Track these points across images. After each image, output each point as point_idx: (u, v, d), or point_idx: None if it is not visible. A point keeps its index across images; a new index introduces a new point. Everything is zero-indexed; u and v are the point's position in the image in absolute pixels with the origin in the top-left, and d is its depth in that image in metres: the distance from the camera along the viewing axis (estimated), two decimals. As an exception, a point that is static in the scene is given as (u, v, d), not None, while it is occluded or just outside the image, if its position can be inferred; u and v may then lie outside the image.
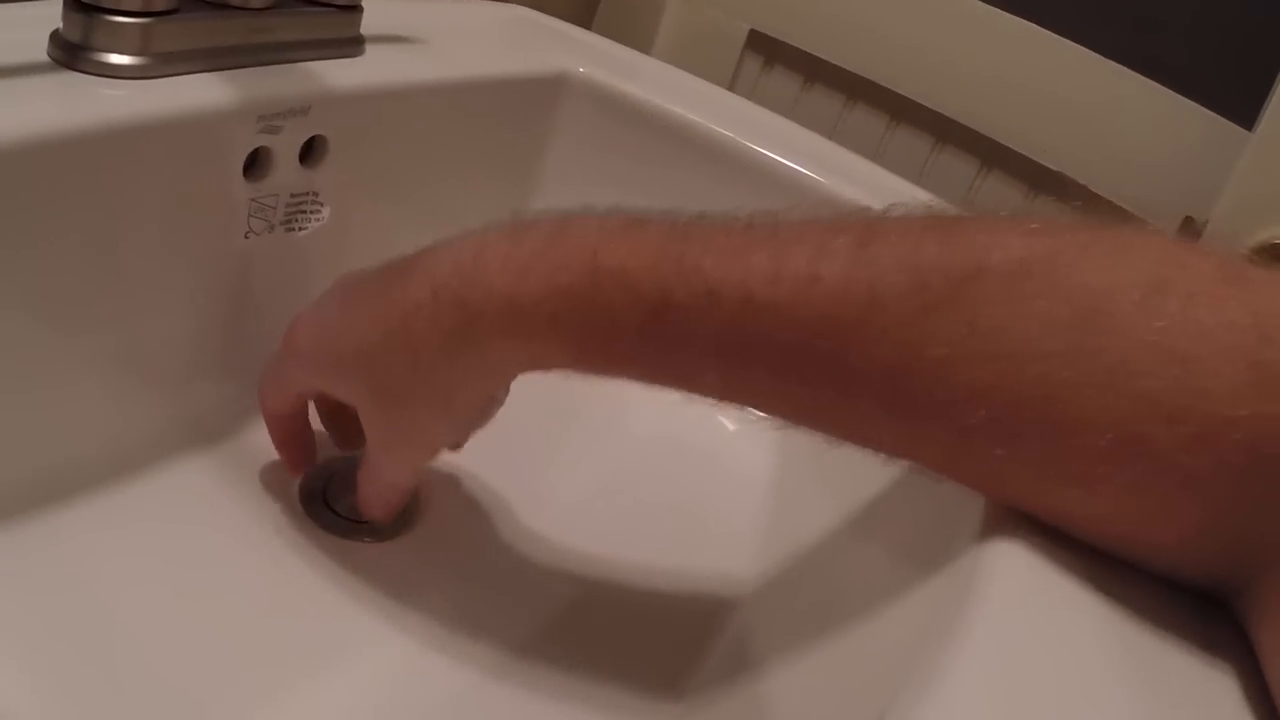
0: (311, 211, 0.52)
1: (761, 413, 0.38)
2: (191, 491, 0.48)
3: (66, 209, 0.40)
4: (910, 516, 0.44)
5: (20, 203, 0.38)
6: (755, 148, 0.64)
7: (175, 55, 0.44)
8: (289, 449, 0.50)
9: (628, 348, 0.37)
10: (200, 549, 0.46)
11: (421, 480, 0.52)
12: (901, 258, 0.33)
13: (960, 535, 0.35)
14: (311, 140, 0.50)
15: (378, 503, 0.48)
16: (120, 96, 0.42)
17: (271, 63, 0.48)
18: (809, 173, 0.63)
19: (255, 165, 0.48)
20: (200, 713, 0.40)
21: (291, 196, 0.51)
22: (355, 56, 0.53)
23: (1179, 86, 0.81)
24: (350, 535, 0.49)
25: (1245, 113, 0.77)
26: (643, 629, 0.50)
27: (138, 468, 0.48)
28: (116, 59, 0.42)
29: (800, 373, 0.34)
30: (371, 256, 0.57)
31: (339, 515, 0.50)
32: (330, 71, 0.50)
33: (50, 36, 0.42)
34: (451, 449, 0.49)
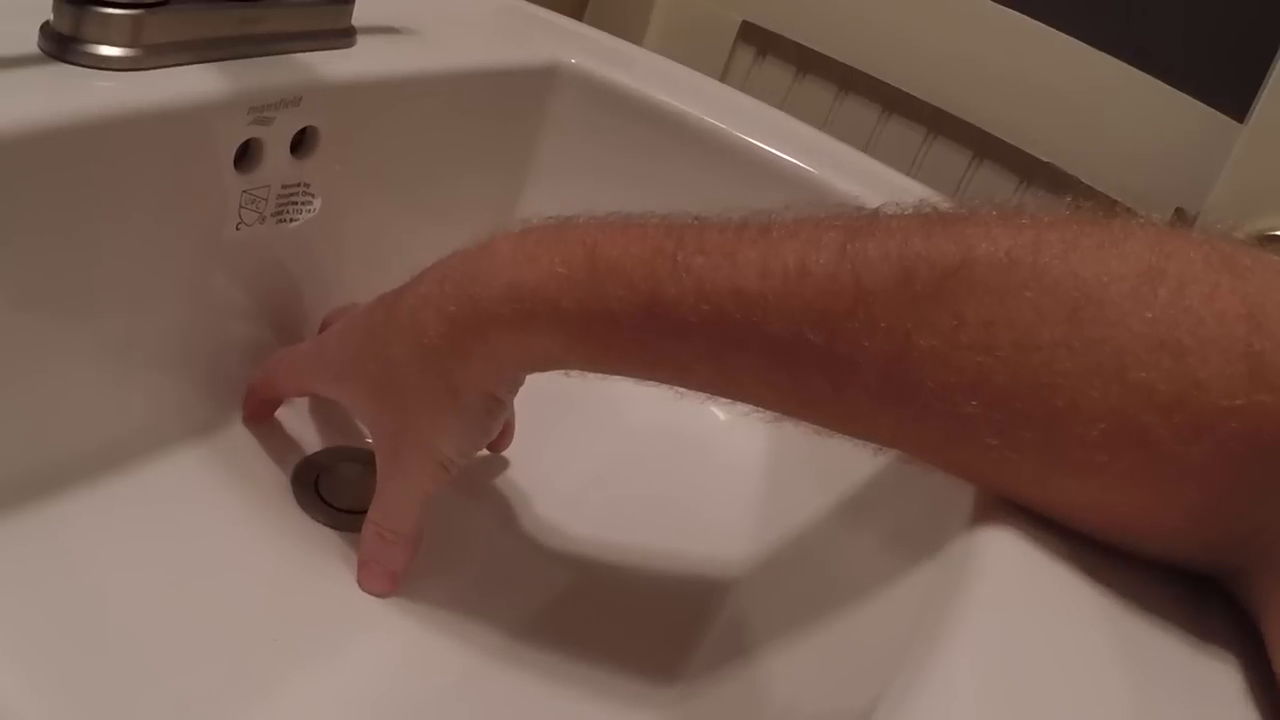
0: (303, 203, 0.52)
1: (755, 407, 0.38)
2: (186, 482, 0.48)
3: (58, 201, 0.40)
4: (902, 503, 0.45)
5: (11, 195, 0.38)
6: (747, 139, 0.64)
7: (166, 46, 0.44)
8: (259, 408, 0.53)
9: (624, 341, 0.37)
10: (195, 540, 0.46)
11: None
12: (889, 251, 0.33)
13: (952, 521, 0.35)
14: (303, 131, 0.50)
15: (380, 563, 0.46)
16: (111, 88, 0.42)
17: (263, 54, 0.48)
18: (801, 164, 0.63)
19: (246, 156, 0.48)
20: (197, 703, 0.40)
21: (283, 188, 0.50)
22: (346, 47, 0.53)
23: (1171, 79, 0.81)
24: (344, 526, 0.49)
25: (1237, 105, 0.77)
26: (637, 616, 0.50)
27: (132, 459, 0.48)
28: (107, 50, 0.42)
29: (792, 365, 0.35)
30: (363, 247, 0.57)
31: (332, 507, 0.50)
32: (321, 63, 0.50)
33: (40, 28, 0.42)
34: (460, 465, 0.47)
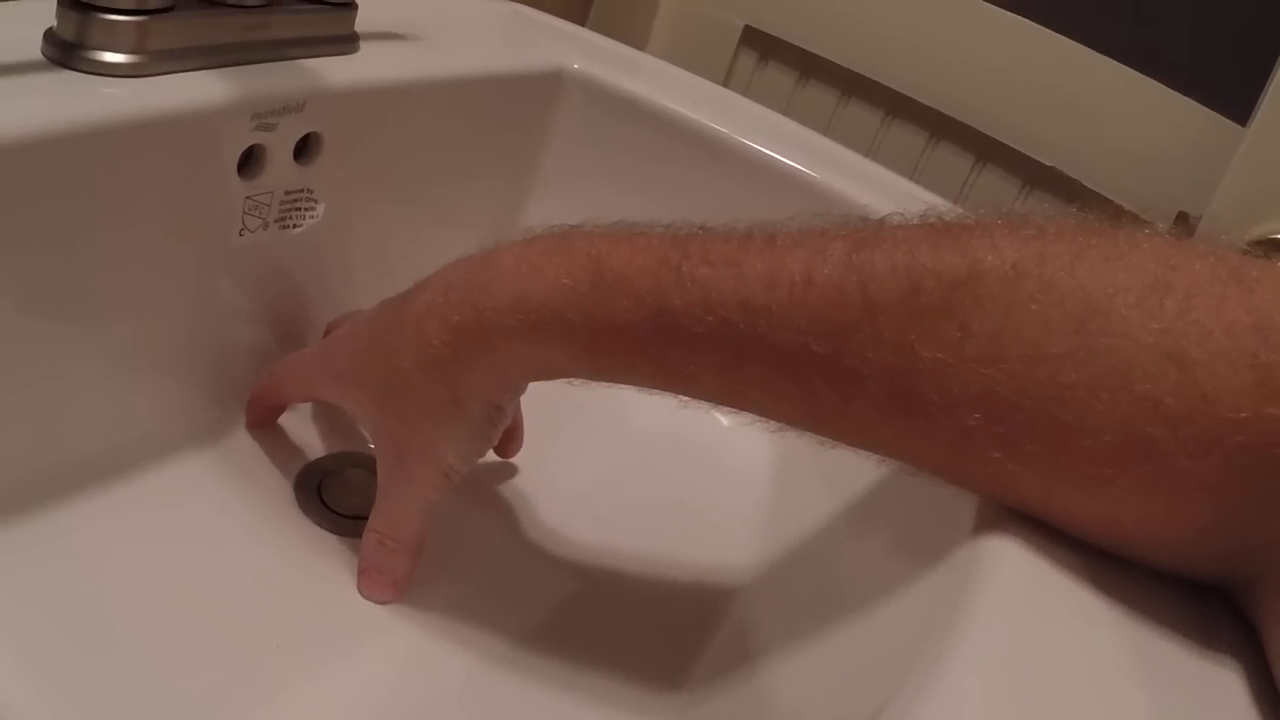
0: (306, 209, 0.52)
1: (761, 417, 0.38)
2: (190, 488, 0.48)
3: (62, 208, 0.40)
4: (908, 510, 0.44)
5: (16, 201, 0.38)
6: (750, 143, 0.64)
7: (170, 53, 0.44)
8: (263, 413, 0.53)
9: (630, 352, 0.37)
10: (199, 545, 0.46)
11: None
12: (895, 262, 0.33)
13: (958, 528, 0.35)
14: (306, 137, 0.50)
15: (382, 571, 0.46)
16: (115, 95, 0.42)
17: (266, 60, 0.48)
18: (804, 168, 0.63)
19: (250, 163, 0.48)
20: (201, 708, 0.40)
21: (286, 194, 0.50)
22: (350, 53, 0.53)
23: (1174, 82, 0.81)
24: (347, 532, 0.49)
25: (1240, 109, 0.77)
26: (642, 622, 0.50)
27: (136, 465, 0.48)
28: (111, 57, 0.42)
29: (797, 376, 0.35)
30: (366, 253, 0.57)
31: (335, 512, 0.50)
32: (325, 68, 0.50)
33: (44, 34, 0.42)
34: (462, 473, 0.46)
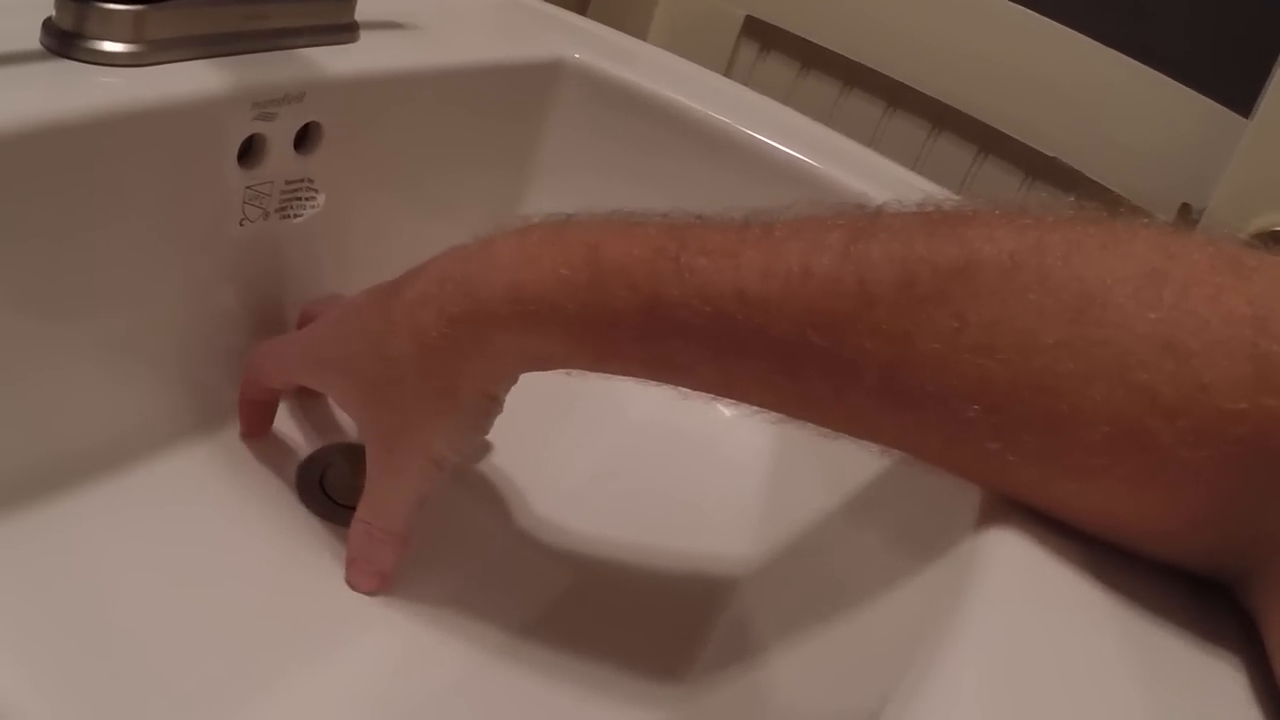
0: (306, 198, 0.52)
1: (759, 408, 0.38)
2: (189, 480, 0.48)
3: (60, 198, 0.40)
4: (907, 502, 0.44)
5: (14, 192, 0.38)
6: (751, 134, 0.64)
7: (169, 42, 0.44)
8: (252, 411, 0.52)
9: (626, 342, 0.37)
10: (198, 538, 0.46)
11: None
12: (891, 253, 0.33)
13: (958, 520, 0.35)
14: (306, 127, 0.50)
15: (370, 561, 0.46)
16: (114, 84, 0.42)
17: (266, 49, 0.48)
18: (805, 159, 0.63)
19: (250, 152, 0.48)
20: (199, 701, 0.40)
21: (286, 184, 0.50)
22: (350, 43, 0.53)
23: (1176, 73, 0.81)
24: (348, 523, 0.49)
25: (1243, 100, 0.77)
26: (640, 614, 0.50)
27: (135, 456, 0.48)
28: (110, 46, 0.42)
29: (794, 367, 0.35)
30: (366, 243, 0.57)
31: (336, 503, 0.50)
32: (325, 58, 0.50)
33: (43, 24, 0.42)
34: (454, 463, 0.46)
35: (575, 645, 0.47)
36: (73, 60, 0.42)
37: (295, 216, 0.52)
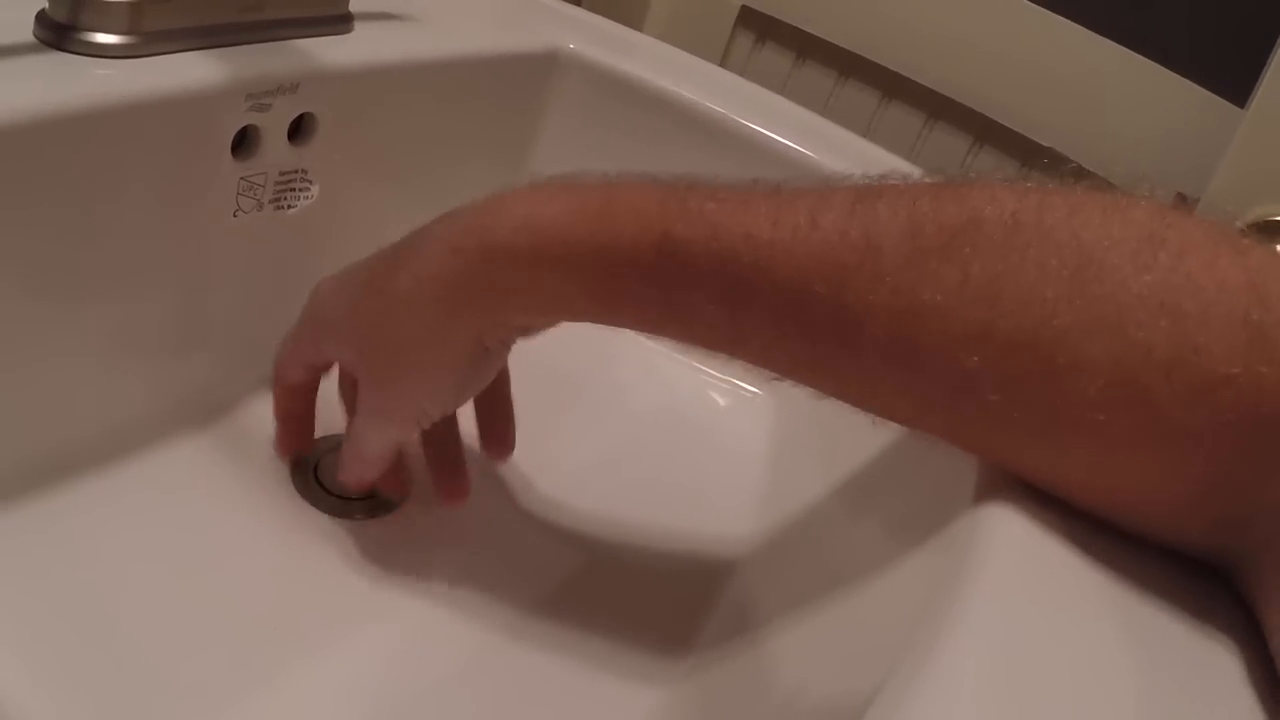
0: (300, 189, 0.52)
1: (759, 363, 0.38)
2: (185, 471, 0.49)
3: (56, 189, 0.40)
4: (906, 488, 0.45)
5: (8, 184, 0.38)
6: (747, 124, 0.64)
7: (163, 34, 0.44)
8: (287, 425, 0.51)
9: (635, 282, 0.37)
10: (195, 528, 0.46)
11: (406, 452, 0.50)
12: (897, 210, 0.33)
13: (956, 505, 0.36)
14: (300, 118, 0.50)
15: (353, 471, 0.47)
16: (108, 76, 0.42)
17: (260, 40, 0.48)
18: (801, 149, 0.63)
19: (244, 143, 0.48)
20: (198, 690, 0.40)
21: (280, 174, 0.50)
22: (345, 34, 0.53)
23: (1172, 64, 0.81)
24: (344, 513, 0.49)
25: (1238, 90, 0.77)
26: (645, 595, 0.51)
27: (131, 447, 0.48)
28: (104, 38, 0.42)
29: (798, 317, 0.35)
30: (360, 234, 0.57)
31: (331, 494, 0.50)
32: (319, 49, 0.50)
33: (37, 16, 0.42)
34: (436, 416, 0.46)
35: (580, 625, 0.47)
36: (67, 52, 0.42)
37: (289, 207, 0.52)
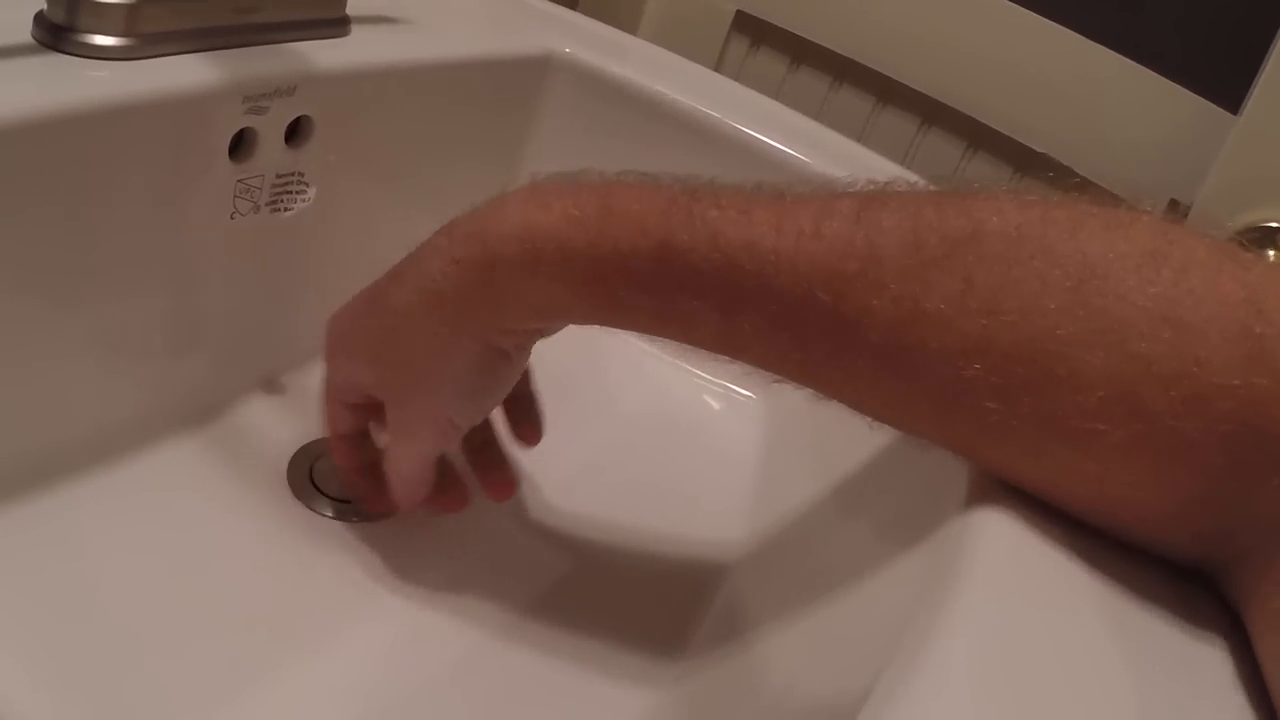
0: (297, 192, 0.52)
1: (757, 366, 0.38)
2: (180, 472, 0.49)
3: (52, 191, 0.40)
4: (896, 491, 0.45)
5: (6, 184, 0.38)
6: (742, 128, 0.64)
7: (161, 36, 0.44)
8: (361, 483, 0.49)
9: (634, 289, 0.37)
10: (191, 529, 0.46)
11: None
12: (901, 220, 0.33)
13: (946, 507, 0.36)
14: (297, 121, 0.50)
15: (400, 493, 0.47)
16: (105, 78, 0.42)
17: (257, 43, 0.48)
18: (795, 153, 0.63)
19: (241, 146, 0.48)
20: (193, 690, 0.40)
21: (277, 177, 0.50)
22: (341, 37, 0.53)
23: (1165, 70, 0.81)
24: (338, 515, 0.49)
25: (1231, 96, 0.78)
26: (638, 597, 0.51)
27: (125, 449, 0.48)
28: (101, 40, 0.42)
29: (798, 322, 0.35)
30: (357, 236, 0.57)
31: (327, 495, 0.50)
32: (316, 52, 0.50)
33: (34, 18, 0.42)
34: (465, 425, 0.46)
35: (574, 627, 0.47)
36: (64, 54, 0.42)
37: (286, 210, 0.52)
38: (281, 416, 0.54)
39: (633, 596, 0.51)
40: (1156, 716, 0.28)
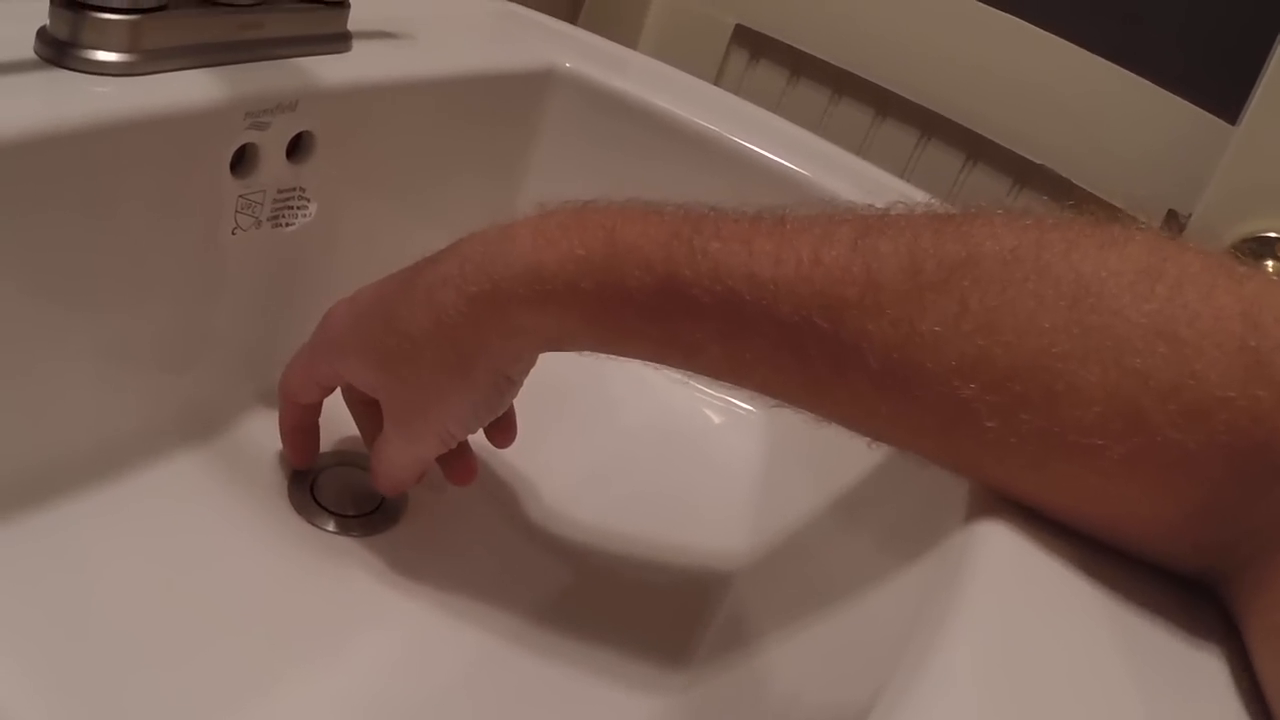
0: (299, 207, 0.52)
1: (759, 391, 0.39)
2: (182, 485, 0.49)
3: (55, 206, 0.40)
4: (897, 501, 0.45)
5: (9, 200, 0.38)
6: (742, 142, 0.64)
7: (163, 52, 0.44)
8: (295, 439, 0.51)
9: (639, 321, 0.38)
10: (192, 543, 0.46)
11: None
12: (898, 246, 0.34)
13: (947, 518, 0.36)
14: (299, 136, 0.50)
15: (388, 486, 0.49)
16: (108, 93, 0.42)
17: (259, 59, 0.49)
18: (795, 167, 0.63)
19: (243, 161, 0.48)
20: (195, 704, 0.40)
21: (279, 192, 0.51)
22: (343, 52, 0.53)
23: (1164, 80, 0.82)
24: (341, 530, 0.49)
25: (1229, 107, 0.78)
26: (642, 607, 0.51)
27: (128, 463, 0.48)
28: (104, 56, 0.42)
29: (798, 349, 0.35)
30: (358, 252, 0.57)
31: (328, 510, 0.50)
32: (318, 67, 0.50)
33: (37, 33, 0.42)
34: (462, 436, 0.48)
35: (578, 636, 0.48)
36: (67, 70, 0.42)
37: (287, 225, 0.52)
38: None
39: (637, 606, 0.51)
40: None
